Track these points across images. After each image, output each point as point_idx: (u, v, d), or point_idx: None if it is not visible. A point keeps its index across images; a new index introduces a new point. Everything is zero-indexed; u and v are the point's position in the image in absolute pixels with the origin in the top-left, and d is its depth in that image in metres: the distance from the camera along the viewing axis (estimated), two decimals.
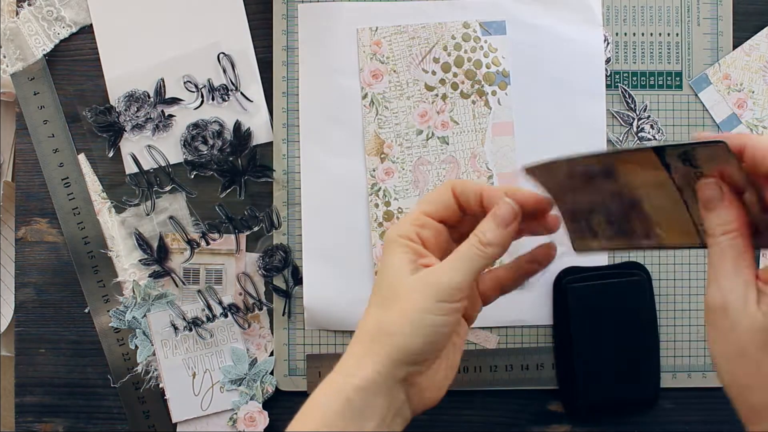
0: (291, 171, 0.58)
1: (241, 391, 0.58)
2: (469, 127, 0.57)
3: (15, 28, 0.58)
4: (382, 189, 0.57)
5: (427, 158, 0.57)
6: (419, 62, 0.56)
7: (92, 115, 0.58)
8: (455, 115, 0.57)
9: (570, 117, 0.57)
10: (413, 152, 0.57)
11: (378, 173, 0.57)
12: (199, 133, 0.58)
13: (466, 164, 0.57)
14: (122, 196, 0.58)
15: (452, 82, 0.57)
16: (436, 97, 0.57)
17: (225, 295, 0.58)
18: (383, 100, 0.57)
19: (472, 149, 0.57)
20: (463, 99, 0.57)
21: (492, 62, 0.57)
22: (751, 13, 0.59)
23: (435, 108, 0.57)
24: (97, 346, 0.58)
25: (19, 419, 0.58)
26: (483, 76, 0.57)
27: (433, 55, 0.56)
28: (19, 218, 0.59)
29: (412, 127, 0.57)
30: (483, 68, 0.57)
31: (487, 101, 0.57)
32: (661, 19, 0.59)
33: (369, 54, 0.57)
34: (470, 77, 0.57)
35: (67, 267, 0.58)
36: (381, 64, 0.57)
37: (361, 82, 0.57)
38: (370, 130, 0.57)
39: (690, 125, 0.59)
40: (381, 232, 0.57)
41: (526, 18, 0.57)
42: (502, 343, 0.58)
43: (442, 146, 0.57)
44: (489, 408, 0.58)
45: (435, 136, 0.57)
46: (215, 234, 0.58)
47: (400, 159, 0.57)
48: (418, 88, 0.57)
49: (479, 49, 0.57)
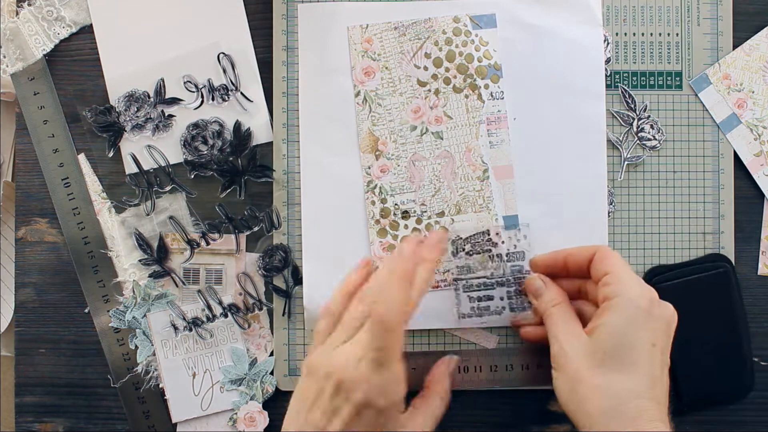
0: (291, 171, 0.58)
1: (241, 391, 0.58)
2: (463, 121, 0.57)
3: (15, 28, 0.58)
4: (378, 186, 0.57)
5: (422, 154, 0.57)
6: (411, 58, 0.56)
7: (92, 115, 0.58)
8: (449, 110, 0.57)
9: (570, 117, 0.57)
10: (408, 148, 0.57)
11: (373, 170, 0.57)
12: (199, 133, 0.58)
13: (461, 158, 0.57)
14: (122, 196, 0.58)
15: (444, 76, 0.57)
16: (429, 93, 0.57)
17: (225, 295, 0.58)
18: (376, 98, 0.57)
19: (467, 143, 0.57)
20: (456, 93, 0.57)
21: (483, 56, 0.57)
22: (751, 13, 0.59)
23: (428, 103, 0.57)
24: (97, 346, 0.58)
25: (19, 419, 0.58)
26: (475, 69, 0.57)
27: (425, 50, 0.56)
28: (19, 218, 0.59)
29: (405, 123, 0.57)
30: (475, 62, 0.57)
31: (480, 95, 0.57)
32: (661, 19, 0.59)
33: (360, 51, 0.57)
34: (462, 71, 0.57)
35: (67, 267, 0.58)
36: (373, 61, 0.57)
37: (354, 80, 0.57)
38: (363, 127, 0.57)
39: (690, 125, 0.59)
40: (378, 229, 0.57)
41: (526, 17, 0.57)
42: (502, 343, 0.58)
43: (436, 141, 0.57)
44: (489, 408, 0.58)
45: (429, 131, 0.57)
46: (215, 234, 0.58)
47: (395, 156, 0.57)
48: (411, 84, 0.57)
49: (470, 43, 0.57)
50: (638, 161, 0.58)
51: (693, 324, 0.56)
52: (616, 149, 0.58)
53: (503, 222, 0.57)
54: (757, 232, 0.59)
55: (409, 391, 0.43)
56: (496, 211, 0.57)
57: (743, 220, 0.59)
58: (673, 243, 0.58)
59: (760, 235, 0.59)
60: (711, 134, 0.59)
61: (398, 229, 0.57)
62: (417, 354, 0.57)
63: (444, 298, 0.57)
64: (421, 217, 0.57)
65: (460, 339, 0.58)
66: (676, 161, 0.59)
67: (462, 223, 0.57)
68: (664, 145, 0.58)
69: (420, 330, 0.58)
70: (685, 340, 0.56)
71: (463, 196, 0.57)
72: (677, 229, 0.58)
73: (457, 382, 0.57)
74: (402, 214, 0.57)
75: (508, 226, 0.57)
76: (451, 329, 0.58)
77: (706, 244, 0.58)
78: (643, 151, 0.58)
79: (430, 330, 0.58)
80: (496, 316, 0.56)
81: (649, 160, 0.58)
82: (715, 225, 0.58)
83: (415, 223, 0.57)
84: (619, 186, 0.58)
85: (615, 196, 0.58)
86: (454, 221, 0.57)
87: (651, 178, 0.58)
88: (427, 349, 0.58)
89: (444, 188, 0.57)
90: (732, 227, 0.58)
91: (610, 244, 0.58)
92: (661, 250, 0.58)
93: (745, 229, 0.59)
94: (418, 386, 0.58)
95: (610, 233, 0.58)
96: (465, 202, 0.57)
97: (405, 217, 0.57)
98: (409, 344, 0.58)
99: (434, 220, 0.57)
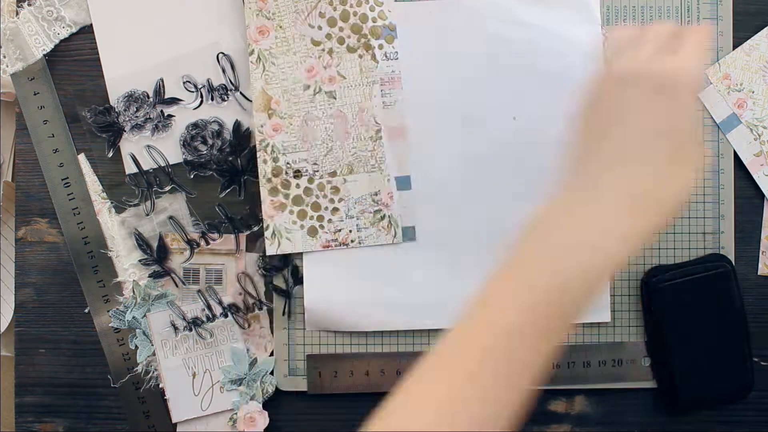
0: None
1: (241, 391, 0.58)
2: (357, 81, 0.57)
3: (15, 28, 0.58)
4: (270, 144, 0.57)
5: (315, 113, 0.57)
6: (305, 17, 0.56)
7: (92, 115, 0.58)
8: (342, 70, 0.57)
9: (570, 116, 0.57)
10: (301, 107, 0.57)
11: (266, 129, 0.56)
12: (199, 133, 0.58)
13: (354, 118, 0.57)
14: (122, 196, 0.58)
15: (338, 36, 0.57)
16: (323, 52, 0.57)
17: (225, 295, 0.58)
18: (270, 56, 0.56)
19: (360, 103, 0.57)
20: (350, 53, 0.57)
21: (378, 16, 0.57)
22: (751, 13, 0.59)
23: (322, 63, 0.57)
24: (97, 346, 0.58)
25: (19, 419, 0.58)
26: (369, 30, 0.57)
27: (319, 10, 0.56)
28: (19, 218, 0.59)
29: (299, 82, 0.57)
30: (369, 22, 0.57)
31: (374, 55, 0.57)
32: (661, 19, 0.59)
33: (255, 11, 0.56)
34: (356, 31, 0.57)
35: (67, 267, 0.58)
36: (267, 20, 0.56)
37: (248, 39, 0.57)
38: (257, 86, 0.56)
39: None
40: (270, 188, 0.56)
41: (525, 17, 0.57)
42: None
43: (329, 101, 0.57)
44: None
45: (322, 90, 0.57)
46: (215, 234, 0.58)
47: (287, 114, 0.57)
48: (305, 43, 0.57)
49: (365, 3, 0.57)
50: None
51: (692, 324, 0.56)
52: None
53: (395, 182, 0.57)
54: (757, 232, 0.59)
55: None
56: (388, 171, 0.57)
57: (743, 220, 0.59)
58: (673, 243, 0.58)
59: (760, 235, 0.59)
60: (711, 134, 0.59)
61: (290, 188, 0.57)
62: (417, 354, 0.57)
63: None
64: (313, 176, 0.57)
65: None
66: None
67: (354, 183, 0.57)
68: None
69: (420, 330, 0.58)
70: (685, 340, 0.56)
71: (356, 156, 0.57)
72: (677, 229, 0.58)
73: None
74: (294, 173, 0.57)
75: (400, 187, 0.57)
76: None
77: (706, 244, 0.58)
78: None
79: (431, 330, 0.58)
80: None
81: None
82: (715, 225, 0.58)
83: (307, 182, 0.57)
84: None
85: None
86: (346, 181, 0.57)
87: None
88: (427, 348, 0.58)
89: (336, 148, 0.57)
90: (732, 227, 0.58)
91: None
92: (661, 249, 0.58)
93: (745, 229, 0.59)
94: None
95: None
96: (357, 162, 0.57)
97: (297, 176, 0.57)
98: (409, 344, 0.58)
99: (326, 179, 0.57)
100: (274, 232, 0.57)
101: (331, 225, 0.57)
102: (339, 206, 0.57)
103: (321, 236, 0.57)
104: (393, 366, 0.58)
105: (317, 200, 0.57)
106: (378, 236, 0.57)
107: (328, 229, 0.57)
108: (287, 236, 0.56)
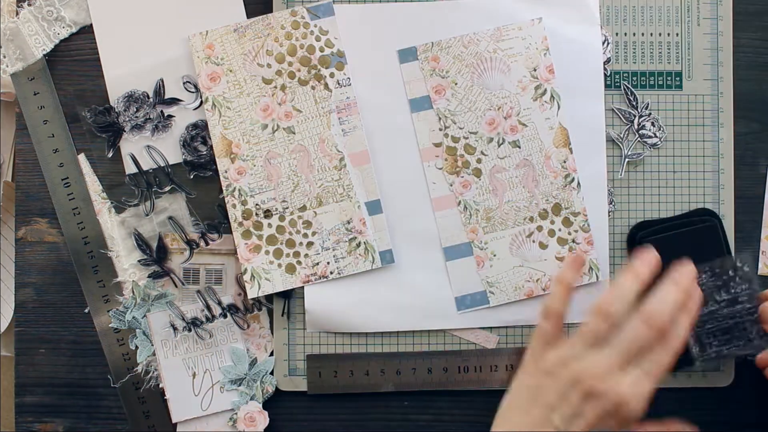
0: None
1: (241, 391, 0.58)
2: (313, 112, 0.57)
3: (15, 28, 0.58)
4: (236, 189, 0.57)
5: (277, 151, 0.57)
6: (253, 58, 0.56)
7: (92, 115, 0.58)
8: (297, 104, 0.57)
9: (569, 116, 0.57)
10: (262, 147, 0.57)
11: (230, 174, 0.57)
12: (199, 133, 0.58)
13: (316, 150, 0.57)
14: (122, 197, 0.58)
15: (288, 71, 0.57)
16: (276, 89, 0.57)
17: (225, 295, 0.58)
18: (224, 101, 0.57)
19: (320, 134, 0.57)
20: (302, 86, 0.57)
21: (325, 45, 0.57)
22: (751, 13, 0.59)
23: (276, 100, 0.57)
24: (97, 346, 0.58)
25: (19, 419, 0.58)
26: (318, 60, 0.57)
27: (266, 48, 0.56)
28: (19, 218, 0.59)
29: (256, 123, 0.57)
30: (317, 52, 0.57)
31: (326, 84, 0.57)
32: (661, 19, 0.59)
33: (204, 58, 0.57)
34: (305, 63, 0.57)
35: (67, 267, 0.58)
36: (216, 66, 0.57)
37: (201, 87, 0.57)
38: (215, 133, 0.57)
39: (690, 125, 0.59)
40: (242, 231, 0.57)
41: (524, 16, 0.57)
42: (502, 343, 0.58)
43: (289, 137, 0.57)
44: (489, 408, 0.58)
45: (280, 128, 0.57)
46: (215, 234, 0.58)
47: (250, 156, 0.57)
48: (257, 83, 0.57)
49: (310, 35, 0.57)
50: (639, 159, 0.58)
51: None
52: (617, 147, 0.58)
53: (366, 208, 0.57)
54: (757, 232, 0.59)
55: (404, 392, 0.42)
56: (357, 198, 0.57)
57: (743, 220, 0.59)
58: None
59: (760, 235, 0.59)
60: (711, 134, 0.59)
61: (262, 229, 0.57)
62: (417, 354, 0.57)
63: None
64: (284, 214, 0.57)
65: (460, 339, 0.58)
66: (676, 161, 0.59)
67: (325, 214, 0.57)
68: (665, 144, 0.58)
69: (420, 330, 0.58)
70: None
71: (323, 188, 0.57)
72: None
73: (457, 382, 0.58)
74: (264, 214, 0.57)
75: (371, 212, 0.57)
76: (451, 329, 0.58)
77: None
78: (644, 148, 0.58)
79: (431, 330, 0.58)
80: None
81: (649, 160, 0.58)
82: None
83: (279, 221, 0.57)
84: (619, 186, 0.58)
85: (615, 196, 0.58)
86: (316, 214, 0.57)
87: (651, 178, 0.58)
88: (427, 348, 0.58)
89: (303, 182, 0.57)
90: (732, 227, 0.58)
91: (610, 243, 0.58)
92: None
93: (745, 229, 0.59)
94: (416, 387, 0.58)
95: (611, 233, 0.58)
96: (325, 193, 0.57)
97: (267, 215, 0.57)
98: (409, 344, 0.58)
99: (297, 215, 0.57)
100: (252, 275, 0.57)
101: (308, 259, 0.57)
102: (313, 240, 0.57)
103: (300, 272, 0.57)
104: (393, 366, 0.58)
105: (291, 237, 0.57)
106: (357, 264, 0.57)
107: (305, 264, 0.57)
108: (266, 277, 0.57)
